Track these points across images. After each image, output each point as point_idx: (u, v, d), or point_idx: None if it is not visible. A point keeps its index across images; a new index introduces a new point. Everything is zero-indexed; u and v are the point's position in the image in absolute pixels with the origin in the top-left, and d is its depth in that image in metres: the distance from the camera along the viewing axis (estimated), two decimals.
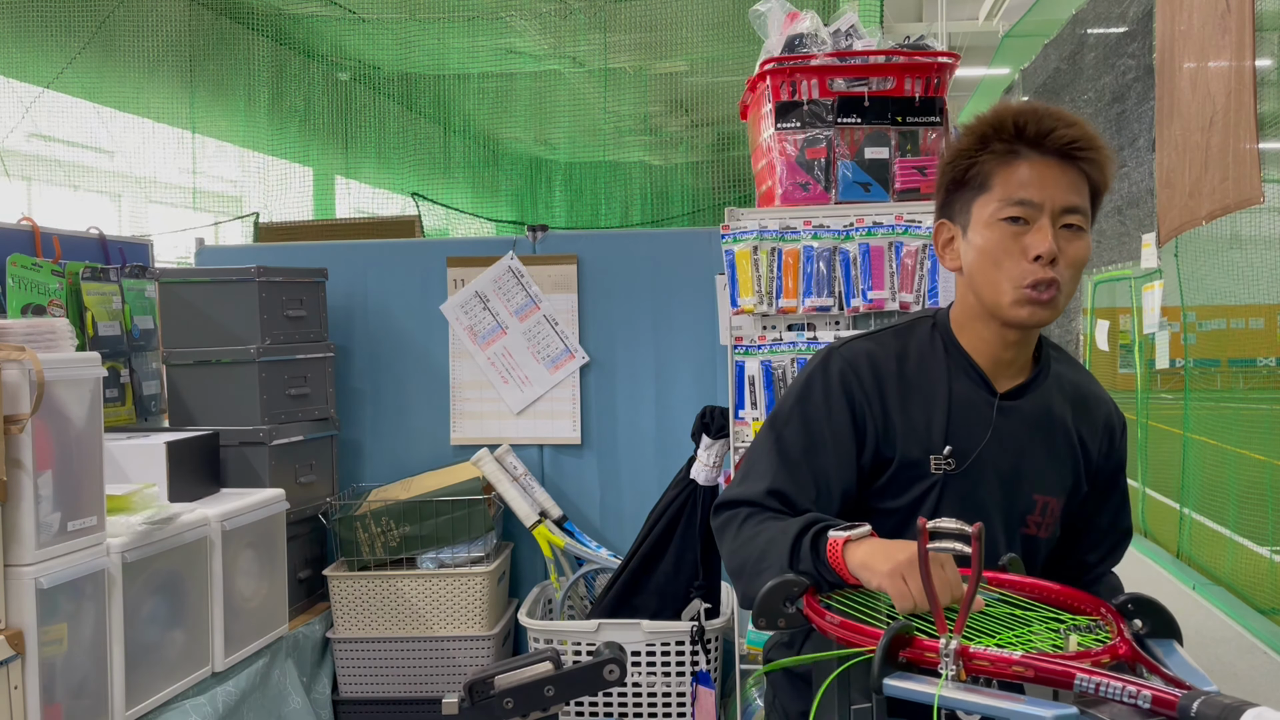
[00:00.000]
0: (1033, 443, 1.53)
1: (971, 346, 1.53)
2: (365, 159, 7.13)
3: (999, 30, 8.96)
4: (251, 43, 5.98)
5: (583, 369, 3.66)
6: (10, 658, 2.02)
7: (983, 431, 1.49)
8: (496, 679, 1.36)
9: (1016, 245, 1.42)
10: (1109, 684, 1.01)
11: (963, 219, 1.49)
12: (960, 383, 1.51)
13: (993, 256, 1.43)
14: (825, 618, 1.19)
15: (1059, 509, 1.56)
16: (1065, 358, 1.66)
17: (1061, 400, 1.56)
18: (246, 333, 3.18)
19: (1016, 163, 1.43)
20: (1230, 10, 2.48)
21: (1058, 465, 1.55)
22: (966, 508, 1.47)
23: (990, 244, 1.43)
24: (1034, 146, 1.43)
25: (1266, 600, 2.81)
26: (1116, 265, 3.63)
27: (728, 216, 2.74)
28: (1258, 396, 3.38)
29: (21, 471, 2.05)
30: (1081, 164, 1.43)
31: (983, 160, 1.45)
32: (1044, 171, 1.42)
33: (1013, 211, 1.42)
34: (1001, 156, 1.44)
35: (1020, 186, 1.42)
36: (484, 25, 5.77)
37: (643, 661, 3.03)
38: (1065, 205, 1.42)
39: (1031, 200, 1.41)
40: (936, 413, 1.49)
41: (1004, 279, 1.43)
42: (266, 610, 2.97)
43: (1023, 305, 1.42)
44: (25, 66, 5.05)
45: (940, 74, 2.70)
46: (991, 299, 1.46)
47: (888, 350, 1.54)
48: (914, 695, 1.04)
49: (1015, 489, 1.52)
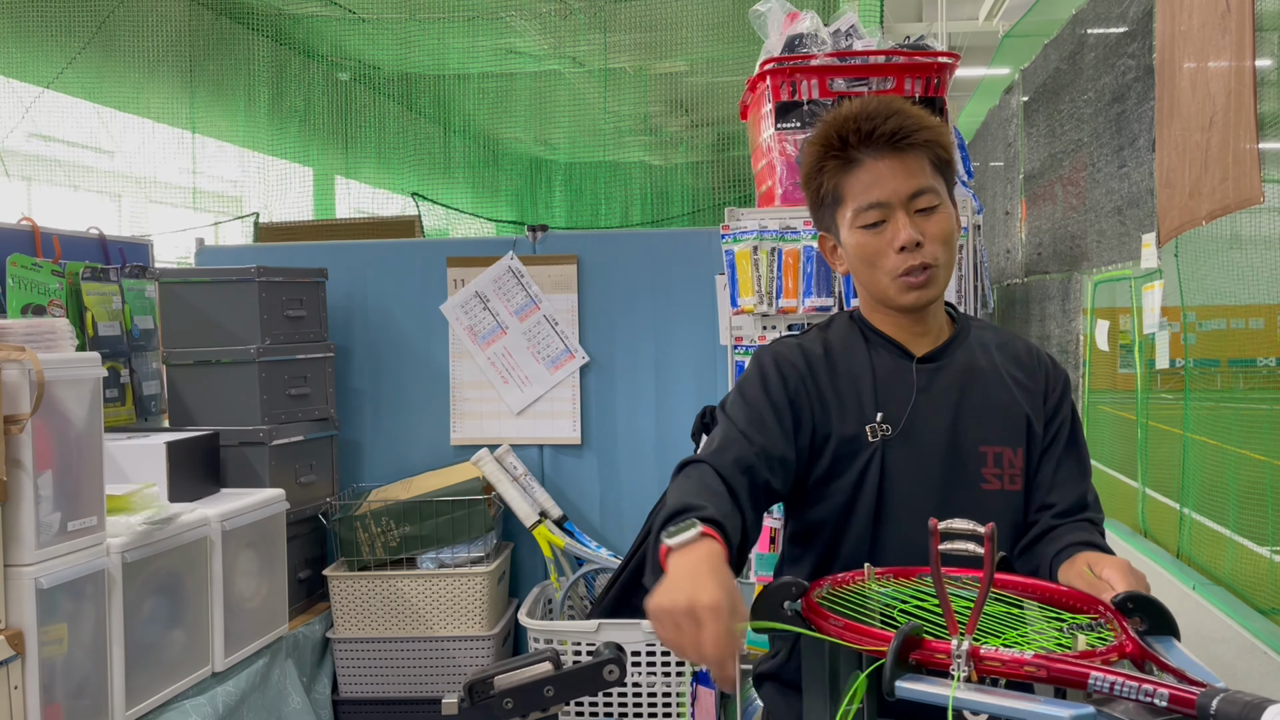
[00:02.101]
0: (966, 397, 1.56)
1: (884, 327, 1.61)
2: (365, 159, 7.12)
3: (999, 30, 8.97)
4: (251, 43, 5.98)
5: (583, 369, 3.66)
6: (10, 658, 2.02)
7: (909, 393, 1.55)
8: (496, 679, 1.36)
9: (881, 242, 1.51)
10: (1124, 683, 1.00)
11: (833, 230, 1.59)
12: (880, 355, 1.59)
13: (865, 258, 1.54)
14: (829, 620, 1.17)
15: (1019, 460, 1.56)
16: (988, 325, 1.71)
17: (987, 356, 1.61)
18: (246, 333, 3.18)
19: (855, 170, 1.52)
20: (1230, 10, 2.48)
21: (1001, 415, 1.57)
22: (912, 470, 1.52)
23: (859, 248, 1.54)
24: (866, 149, 1.51)
25: (1266, 600, 2.81)
26: (1116, 265, 3.63)
27: (728, 216, 2.74)
28: (1258, 396, 3.38)
29: (21, 471, 2.05)
30: (914, 148, 1.50)
31: (826, 176, 1.55)
32: (881, 170, 1.50)
33: (867, 218, 1.51)
34: (841, 168, 1.53)
35: (865, 191, 1.51)
36: (484, 25, 5.77)
37: (643, 661, 3.03)
38: (911, 192, 1.50)
39: (879, 201, 1.50)
40: (864, 385, 1.56)
41: (880, 275, 1.53)
42: (266, 610, 2.97)
43: (904, 293, 1.52)
44: (25, 66, 5.05)
45: (940, 74, 2.70)
46: (877, 293, 1.56)
47: (814, 342, 1.63)
48: (928, 697, 1.03)
49: (959, 445, 1.54)
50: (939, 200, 1.52)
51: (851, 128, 1.51)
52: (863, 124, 1.50)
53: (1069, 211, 4.31)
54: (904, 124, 1.50)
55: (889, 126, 1.49)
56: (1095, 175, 3.91)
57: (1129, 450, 3.99)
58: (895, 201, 1.49)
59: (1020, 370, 1.61)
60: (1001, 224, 5.81)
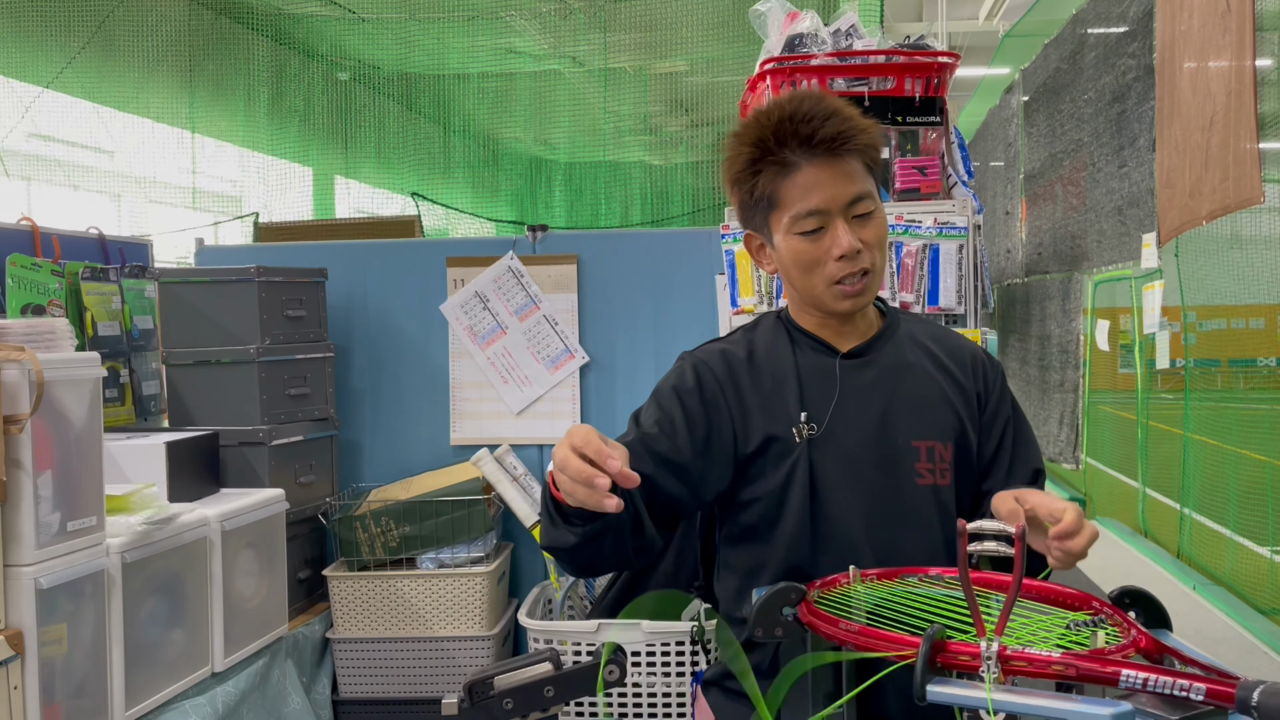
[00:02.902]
0: (894, 392, 1.54)
1: (810, 326, 1.59)
2: (365, 159, 7.13)
3: (999, 30, 8.97)
4: (251, 43, 5.97)
5: (583, 369, 3.66)
6: (10, 658, 2.02)
7: (834, 391, 1.53)
8: (496, 679, 1.36)
9: (819, 249, 1.48)
10: (1158, 679, 0.98)
11: (764, 232, 1.55)
12: (805, 354, 1.57)
13: (800, 264, 1.50)
14: (840, 625, 1.15)
15: (950, 454, 1.54)
16: (920, 319, 1.70)
17: (916, 350, 1.59)
18: (246, 333, 3.18)
19: (793, 174, 1.46)
20: (1230, 10, 2.48)
21: (931, 409, 1.55)
22: (840, 468, 1.50)
23: (795, 254, 1.50)
24: (803, 153, 1.45)
25: (1267, 600, 2.81)
26: (1116, 265, 3.63)
27: (728, 216, 2.74)
28: (1258, 396, 3.38)
29: (21, 471, 2.05)
30: (850, 152, 1.46)
31: (761, 180, 1.48)
32: (820, 175, 1.45)
33: (805, 225, 1.47)
34: (777, 172, 1.47)
35: (803, 198, 1.46)
36: (484, 25, 5.77)
37: (643, 661, 3.03)
38: (851, 198, 1.46)
39: (819, 209, 1.46)
40: (788, 386, 1.54)
41: (816, 280, 1.50)
42: (266, 610, 2.97)
43: (841, 300, 1.50)
44: (25, 66, 5.05)
45: (940, 74, 2.70)
46: (811, 298, 1.53)
47: (737, 345, 1.61)
48: (961, 700, 1.01)
49: (887, 440, 1.52)
50: (874, 205, 1.49)
51: (789, 130, 1.46)
52: (800, 127, 1.45)
53: (1069, 211, 4.31)
54: (842, 128, 1.45)
55: (828, 131, 1.45)
56: (1095, 175, 3.91)
57: (1129, 450, 3.99)
58: (834, 209, 1.46)
59: (953, 363, 1.60)
60: (1001, 224, 5.81)
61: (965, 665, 1.04)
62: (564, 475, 1.21)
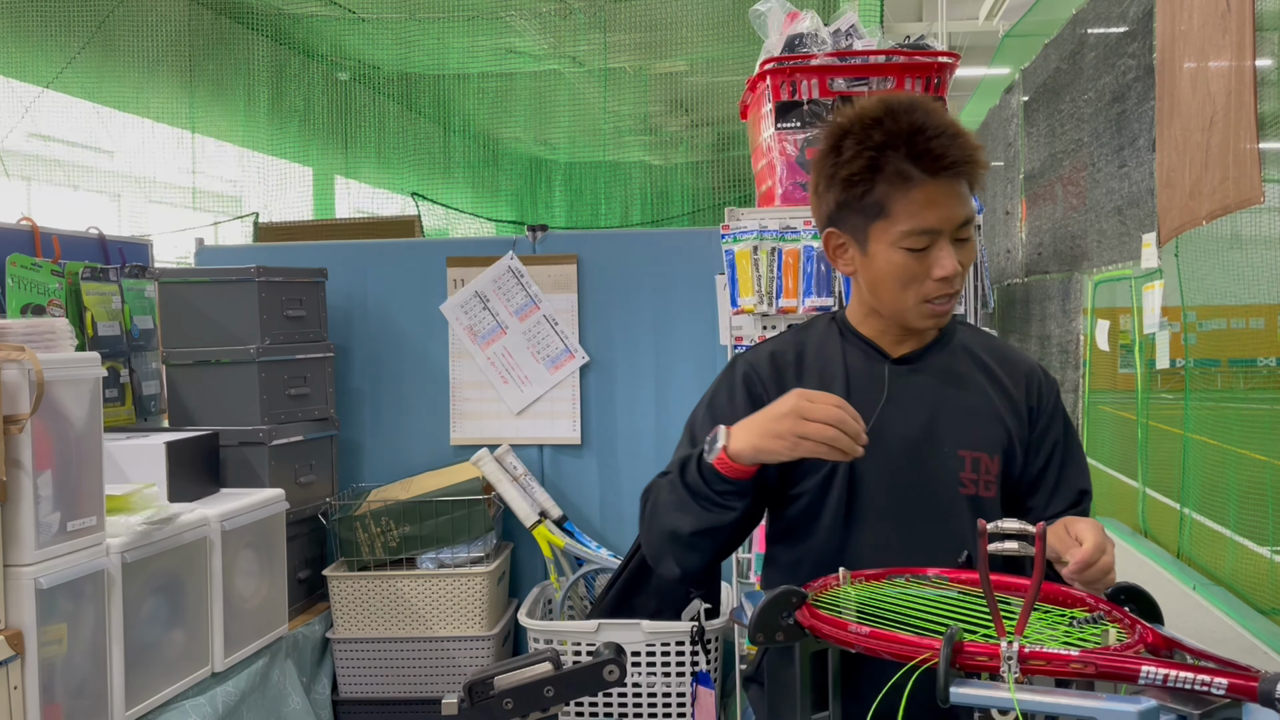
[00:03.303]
0: (942, 401, 1.54)
1: (868, 332, 1.59)
2: (365, 159, 7.12)
3: (999, 30, 8.96)
4: (251, 43, 5.97)
5: (583, 369, 3.66)
6: (10, 658, 2.02)
7: (880, 396, 1.53)
8: (496, 679, 1.36)
9: (920, 267, 1.46)
10: (1178, 674, 0.98)
11: (858, 236, 1.50)
12: (854, 356, 1.57)
13: (898, 280, 1.47)
14: (849, 629, 1.13)
15: (996, 467, 1.54)
16: (976, 331, 1.68)
17: (970, 361, 1.59)
18: (246, 333, 3.18)
19: (913, 188, 1.43)
20: (1230, 10, 2.48)
21: (980, 421, 1.54)
22: (879, 472, 1.50)
23: (895, 269, 1.47)
24: (928, 169, 1.42)
25: (1267, 600, 2.81)
26: (1116, 265, 3.63)
27: (728, 216, 2.74)
28: (1258, 396, 3.38)
29: (21, 471, 2.05)
30: (964, 174, 1.45)
31: (879, 185, 1.44)
32: (938, 194, 1.43)
33: (915, 243, 1.44)
34: (897, 183, 1.43)
35: (919, 215, 1.43)
36: (484, 25, 5.77)
37: (643, 661, 3.03)
38: (961, 221, 1.45)
39: (932, 228, 1.44)
40: (835, 386, 1.54)
41: (909, 298, 1.48)
42: (266, 610, 2.97)
43: (926, 317, 1.50)
44: (25, 66, 5.04)
45: (940, 74, 2.70)
46: (893, 312, 1.52)
47: (787, 345, 1.62)
48: (986, 701, 1.00)
49: (932, 447, 1.52)
50: (974, 229, 1.49)
51: (920, 145, 1.42)
52: (932, 144, 1.42)
53: (1069, 211, 4.31)
54: (967, 152, 1.44)
55: (955, 153, 1.42)
56: (1095, 175, 3.90)
57: (1129, 450, 3.98)
58: (946, 229, 1.44)
59: (1007, 377, 1.59)
60: (1001, 224, 5.81)
61: (983, 666, 1.03)
62: (821, 411, 1.31)
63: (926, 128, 1.43)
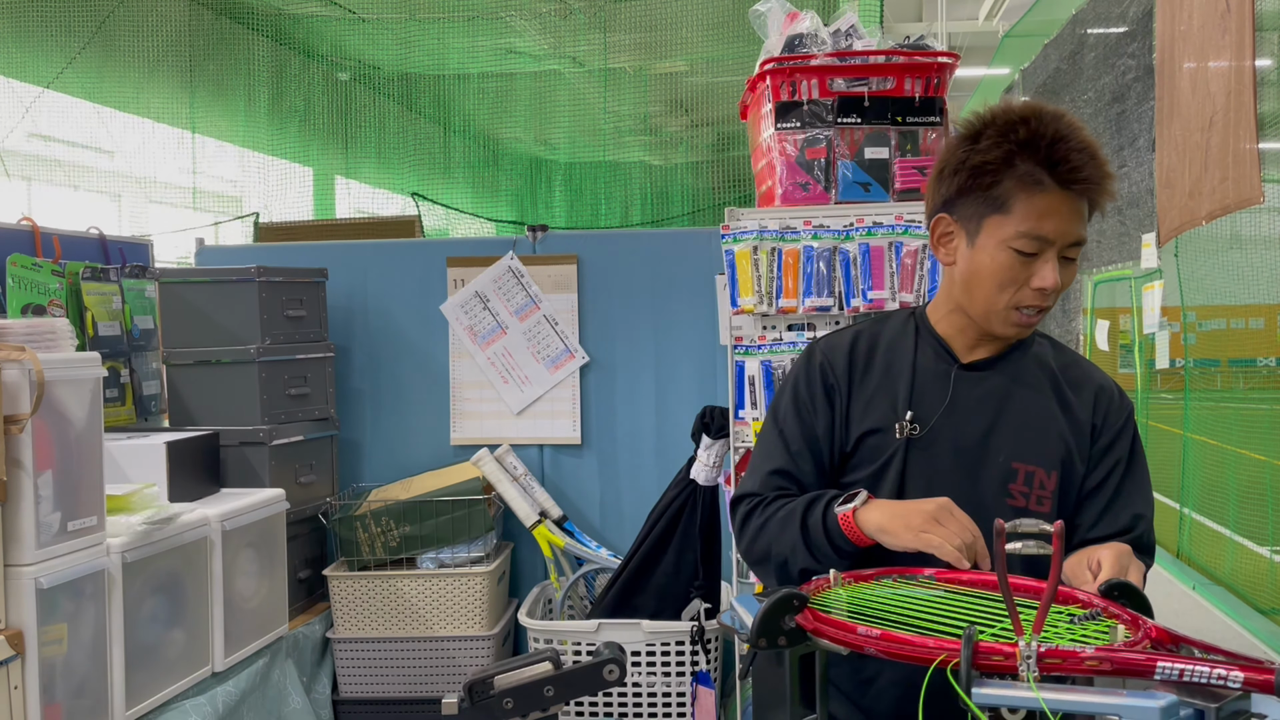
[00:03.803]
0: (1003, 411, 1.54)
1: (945, 331, 1.59)
2: (365, 159, 7.12)
3: (999, 30, 8.96)
4: (251, 43, 5.97)
5: (583, 369, 3.66)
6: (10, 658, 2.02)
7: (944, 398, 1.54)
8: (496, 679, 1.36)
9: (1023, 273, 1.45)
10: (1194, 669, 0.98)
11: (970, 226, 1.49)
12: (925, 355, 1.58)
13: (997, 279, 1.47)
14: (857, 631, 1.11)
15: (1052, 483, 1.52)
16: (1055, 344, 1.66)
17: (1039, 374, 1.58)
18: (246, 333, 3.18)
19: (1039, 193, 1.43)
20: (1230, 10, 2.48)
21: (1038, 435, 1.54)
22: (930, 474, 1.51)
23: (998, 267, 1.46)
24: (1060, 177, 1.42)
25: (1266, 600, 2.81)
26: (1116, 265, 3.63)
27: (728, 216, 2.74)
28: (1258, 396, 3.38)
29: (21, 471, 2.05)
30: (1093, 197, 1.46)
31: (1007, 180, 1.44)
32: (1062, 207, 1.43)
33: (1026, 245, 1.44)
34: (1027, 183, 1.43)
35: (1040, 220, 1.43)
36: (484, 25, 5.76)
37: (643, 661, 3.03)
38: (1075, 239, 1.45)
39: (1047, 237, 1.43)
40: (901, 384, 1.56)
41: (1002, 300, 1.48)
42: (266, 610, 2.97)
43: (1010, 325, 1.50)
44: (25, 66, 5.04)
45: (940, 74, 2.70)
46: (982, 312, 1.51)
47: (863, 335, 1.63)
48: (1010, 701, 1.00)
49: (988, 456, 1.52)
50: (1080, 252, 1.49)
51: (1060, 154, 1.42)
52: (1071, 155, 1.42)
53: None
54: (1100, 174, 1.44)
55: (1090, 172, 1.43)
56: None
57: None
58: (1059, 242, 1.44)
59: (1074, 393, 1.57)
60: None
61: (1000, 666, 1.02)
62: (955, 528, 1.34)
63: (1069, 139, 1.43)
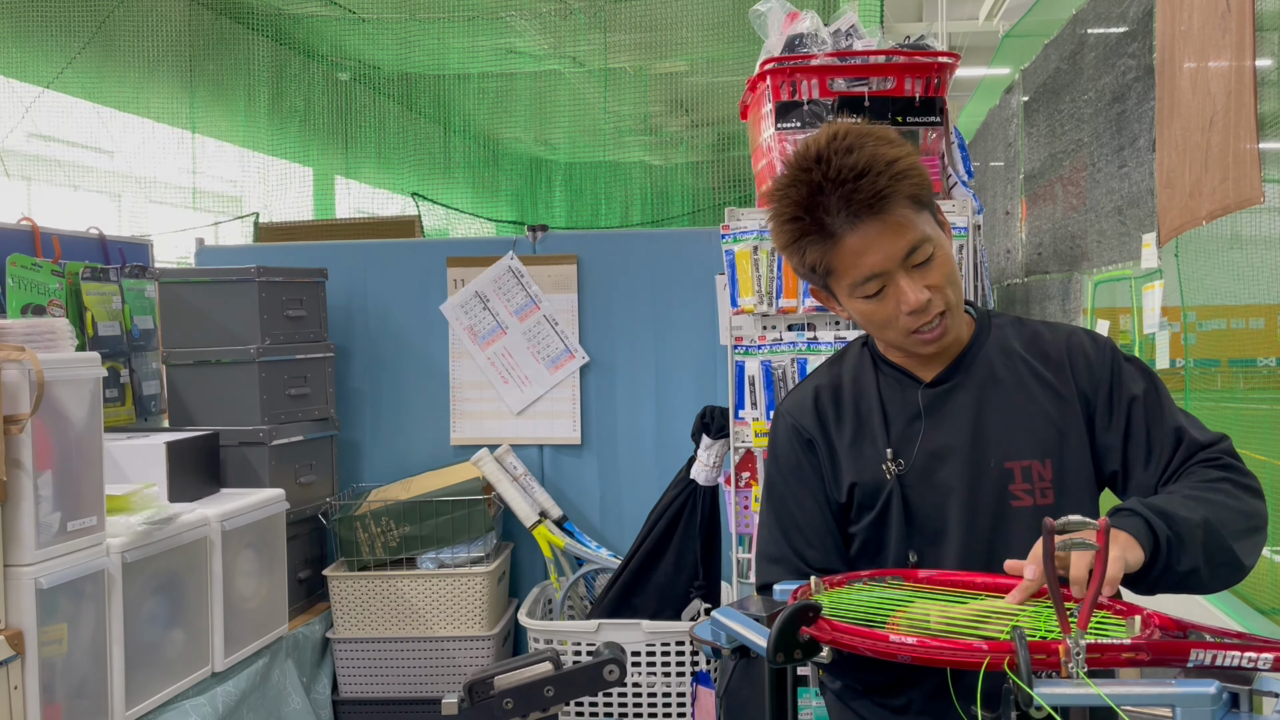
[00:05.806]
0: (981, 416, 1.48)
1: (896, 357, 1.55)
2: (365, 159, 7.12)
3: (999, 30, 8.95)
4: (251, 43, 5.97)
5: (583, 369, 3.66)
6: (10, 658, 2.02)
7: (918, 424, 1.50)
8: (496, 679, 1.36)
9: (887, 309, 1.41)
10: (1226, 654, 1.01)
11: (827, 292, 1.49)
12: (888, 387, 1.54)
13: (874, 324, 1.46)
14: (890, 640, 1.07)
15: (1049, 471, 1.47)
16: (1013, 321, 1.59)
17: (1007, 362, 1.51)
18: (246, 333, 3.18)
19: (840, 243, 1.38)
20: (1230, 10, 2.48)
21: (1023, 427, 1.48)
22: (932, 501, 1.48)
23: (865, 315, 1.45)
24: (845, 217, 1.36)
25: (1266, 600, 2.81)
26: (1116, 265, 3.63)
27: (728, 216, 2.74)
28: (1258, 396, 3.38)
29: (21, 471, 2.05)
30: (896, 201, 1.36)
31: (808, 252, 1.41)
32: (867, 238, 1.37)
33: (867, 290, 1.40)
34: (823, 243, 1.39)
35: (856, 265, 1.38)
36: (484, 25, 5.76)
37: (643, 661, 3.03)
38: (905, 252, 1.38)
39: (875, 272, 1.38)
40: (874, 424, 1.52)
41: (893, 334, 1.45)
42: (266, 610, 2.97)
43: (921, 345, 1.46)
44: (25, 66, 5.04)
45: (940, 74, 2.70)
46: (893, 345, 1.51)
47: (823, 386, 1.58)
48: (1074, 700, 0.99)
49: (980, 465, 1.47)
50: (932, 246, 1.39)
51: (826, 201, 1.35)
52: (837, 193, 1.34)
53: (1069, 211, 4.31)
54: (879, 186, 1.34)
55: (865, 193, 1.34)
56: (1095, 175, 3.90)
57: None
58: (891, 267, 1.38)
59: (1049, 369, 1.50)
60: (1001, 224, 5.81)
61: (1043, 664, 1.01)
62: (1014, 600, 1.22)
63: (830, 177, 1.35)
